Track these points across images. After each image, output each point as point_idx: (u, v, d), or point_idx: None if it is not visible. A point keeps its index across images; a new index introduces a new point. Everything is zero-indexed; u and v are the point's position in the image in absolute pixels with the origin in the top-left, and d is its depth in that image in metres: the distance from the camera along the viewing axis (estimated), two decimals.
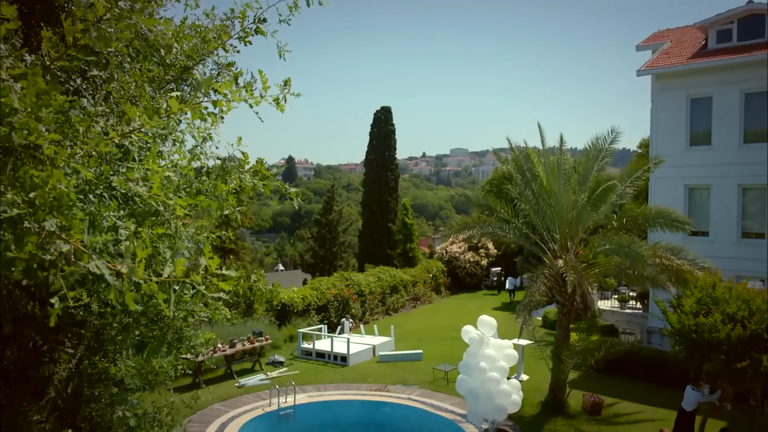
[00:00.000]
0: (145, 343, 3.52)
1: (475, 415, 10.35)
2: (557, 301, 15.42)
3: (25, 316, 3.13)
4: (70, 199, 1.87)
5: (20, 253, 1.80)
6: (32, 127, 1.87)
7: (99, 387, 3.48)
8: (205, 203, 3.06)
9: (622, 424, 14.24)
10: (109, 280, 1.92)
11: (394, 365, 19.44)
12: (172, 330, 3.56)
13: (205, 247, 2.35)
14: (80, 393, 3.36)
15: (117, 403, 3.59)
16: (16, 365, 3.16)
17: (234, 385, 17.04)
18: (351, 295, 26.82)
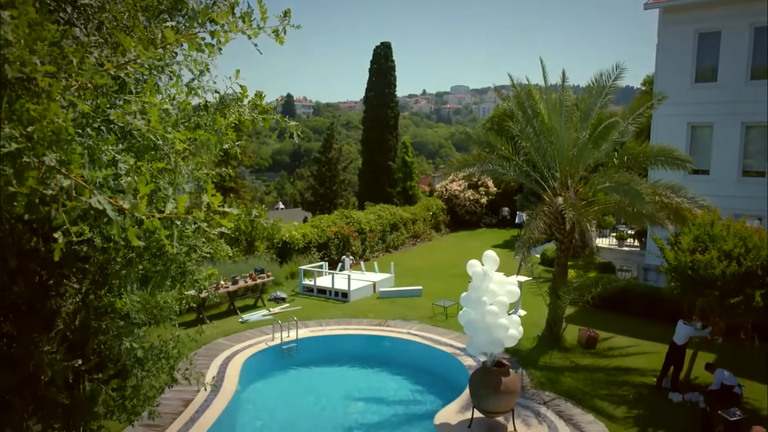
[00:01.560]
0: (149, 278, 3.57)
1: (474, 347, 10.61)
2: (556, 238, 15.56)
3: (29, 252, 3.16)
4: (69, 134, 1.85)
5: (21, 188, 1.80)
6: (27, 60, 1.83)
7: (106, 320, 3.56)
8: (204, 137, 3.03)
9: (616, 357, 14.66)
10: (111, 216, 1.92)
11: (394, 301, 19.81)
12: (176, 264, 3.61)
13: (207, 184, 2.34)
14: (88, 325, 3.44)
15: (124, 334, 3.68)
16: (25, 299, 3.22)
17: (237, 321, 17.41)
18: (351, 232, 27.02)
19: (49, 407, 4.72)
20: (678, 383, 12.58)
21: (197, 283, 3.88)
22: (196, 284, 3.89)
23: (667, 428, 10.83)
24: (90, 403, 4.99)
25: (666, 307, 16.71)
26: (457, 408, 11.34)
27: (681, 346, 12.57)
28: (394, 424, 12.21)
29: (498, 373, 10.30)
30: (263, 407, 13.01)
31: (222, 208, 2.35)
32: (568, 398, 12.07)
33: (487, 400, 10.18)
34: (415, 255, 29.72)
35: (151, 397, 5.80)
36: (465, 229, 38.10)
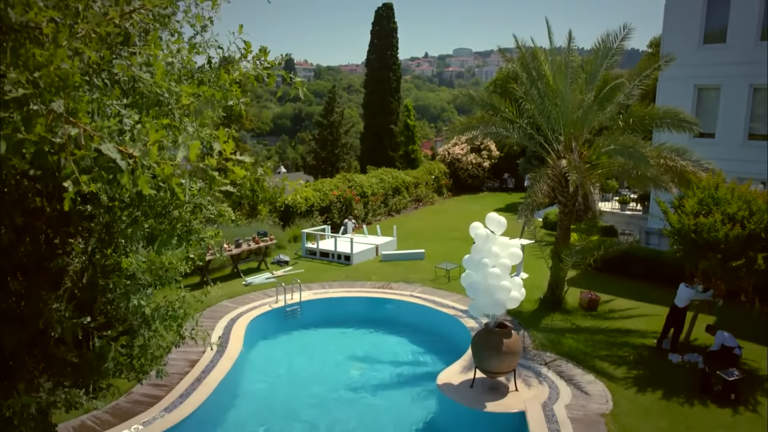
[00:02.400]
0: (155, 236, 3.56)
1: (476, 308, 10.70)
2: (559, 201, 15.53)
3: (35, 210, 3.14)
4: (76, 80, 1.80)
5: (29, 135, 1.76)
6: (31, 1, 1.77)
7: (113, 278, 3.57)
8: (209, 93, 2.97)
9: (617, 319, 14.79)
10: (121, 165, 1.89)
11: (397, 264, 19.91)
12: (181, 223, 3.60)
13: (219, 131, 2.30)
14: (95, 284, 3.45)
15: (131, 292, 3.70)
16: (32, 257, 3.22)
17: (241, 284, 17.53)
18: (353, 196, 26.99)
19: (58, 365, 4.77)
20: (678, 345, 12.72)
21: (203, 242, 3.87)
22: (202, 242, 3.89)
23: (666, 388, 10.98)
24: (99, 361, 5.05)
25: (667, 271, 16.78)
26: (460, 369, 11.49)
27: (682, 308, 12.66)
28: (397, 384, 12.40)
29: (500, 334, 10.41)
30: (268, 368, 13.21)
31: (234, 156, 2.32)
32: (569, 359, 12.22)
33: (489, 360, 10.31)
34: (418, 218, 29.74)
35: (158, 356, 5.87)
36: (467, 193, 38.04)
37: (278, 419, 10.91)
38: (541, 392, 10.60)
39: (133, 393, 10.52)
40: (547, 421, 9.49)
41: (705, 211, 12.09)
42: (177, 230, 3.57)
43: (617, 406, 10.26)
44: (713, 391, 10.73)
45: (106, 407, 9.94)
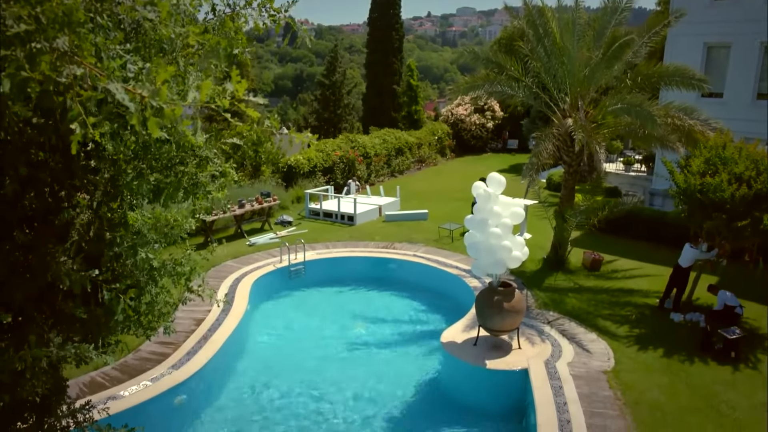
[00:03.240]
0: (161, 189, 3.52)
1: (479, 268, 10.71)
2: (564, 161, 15.42)
3: (39, 162, 3.10)
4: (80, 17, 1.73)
5: (34, 74, 1.70)
6: None
7: (120, 231, 3.54)
8: (214, 40, 2.89)
9: (619, 279, 14.85)
10: (130, 107, 1.83)
11: (400, 224, 19.93)
12: (188, 176, 3.55)
13: (232, 71, 2.22)
14: (102, 237, 3.42)
15: (138, 245, 3.67)
16: (38, 210, 3.19)
17: (245, 244, 17.58)
18: (356, 156, 26.85)
19: (67, 321, 4.79)
20: (680, 304, 12.79)
21: (209, 195, 3.83)
22: (208, 196, 3.84)
23: (667, 346, 11.09)
24: (107, 317, 5.07)
25: (671, 232, 16.79)
26: (463, 327, 11.59)
27: (685, 268, 12.68)
28: (401, 342, 12.54)
29: (503, 293, 10.45)
30: (273, 326, 13.35)
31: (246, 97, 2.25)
32: (572, 318, 12.32)
33: (493, 319, 10.38)
34: (420, 179, 29.64)
35: (166, 313, 5.89)
36: (470, 154, 37.80)
37: (284, 376, 11.07)
38: (543, 350, 10.71)
39: (140, 350, 10.65)
40: (549, 378, 9.62)
41: (711, 170, 11.99)
42: (183, 183, 3.53)
43: (619, 363, 10.38)
44: (714, 349, 10.84)
45: (115, 364, 10.08)
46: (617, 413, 8.76)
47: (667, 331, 11.82)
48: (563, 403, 8.93)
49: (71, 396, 5.89)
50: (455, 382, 10.51)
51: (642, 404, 9.07)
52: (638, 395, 9.33)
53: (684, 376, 10.01)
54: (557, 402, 8.95)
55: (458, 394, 10.20)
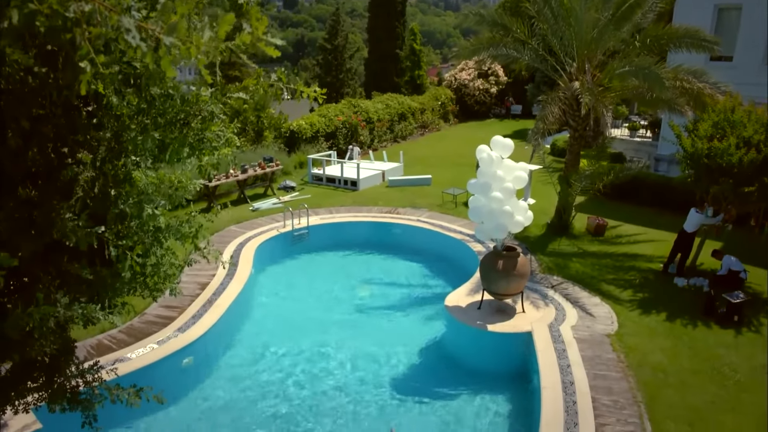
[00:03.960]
0: (166, 145, 3.45)
1: (482, 232, 10.66)
2: (569, 125, 15.24)
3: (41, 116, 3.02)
4: None
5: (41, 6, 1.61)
6: None
7: (125, 187, 3.48)
8: None
9: (623, 244, 14.83)
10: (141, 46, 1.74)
11: (403, 190, 19.85)
12: (193, 132, 3.47)
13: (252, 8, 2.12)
14: (107, 193, 3.36)
15: (145, 201, 3.62)
16: (41, 166, 3.13)
17: (248, 209, 17.55)
18: (359, 122, 26.60)
19: (73, 282, 4.78)
20: (684, 269, 12.79)
21: (216, 151, 3.76)
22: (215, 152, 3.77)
23: (671, 310, 11.12)
24: (113, 278, 5.05)
25: (676, 197, 16.71)
26: (467, 291, 11.62)
27: (690, 233, 12.63)
28: (405, 305, 12.60)
29: (508, 257, 10.44)
30: (277, 290, 13.41)
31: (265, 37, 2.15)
32: (576, 282, 12.33)
33: (497, 282, 10.39)
34: (424, 145, 29.44)
35: (171, 275, 5.88)
36: (474, 120, 37.49)
37: (289, 339, 11.15)
38: (547, 314, 10.75)
39: (146, 314, 10.71)
40: (553, 341, 9.67)
41: (719, 134, 11.84)
42: (189, 139, 3.46)
43: (622, 327, 10.43)
44: (717, 313, 10.87)
45: (121, 327, 10.15)
46: (620, 375, 8.83)
47: (671, 295, 11.83)
48: (567, 365, 8.99)
49: (79, 357, 5.93)
50: (459, 344, 10.57)
51: (645, 366, 9.14)
52: (641, 357, 9.39)
53: (687, 340, 10.06)
54: (561, 364, 9.01)
55: (462, 357, 10.27)
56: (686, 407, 8.17)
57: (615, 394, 8.37)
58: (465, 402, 9.19)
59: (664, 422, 7.80)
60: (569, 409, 7.97)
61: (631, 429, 7.59)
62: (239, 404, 9.23)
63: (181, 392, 9.20)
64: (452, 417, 8.86)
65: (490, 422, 8.71)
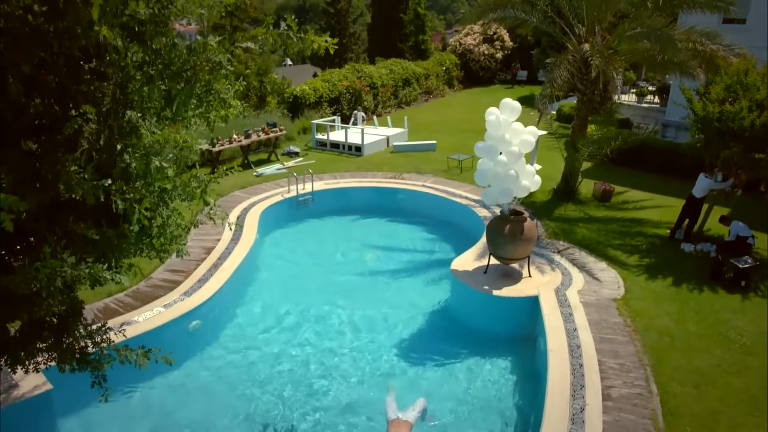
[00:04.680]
0: (173, 96, 3.34)
1: (488, 196, 10.54)
2: (578, 89, 14.99)
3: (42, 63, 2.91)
4: None
5: None
6: None
7: (132, 139, 3.38)
8: None
9: (630, 210, 14.73)
10: None
11: (408, 155, 19.69)
12: (201, 83, 3.35)
13: None
14: (113, 145, 3.27)
15: (152, 153, 3.52)
16: (44, 117, 3.03)
17: (252, 175, 17.44)
18: (363, 87, 26.27)
19: (79, 242, 4.72)
20: (691, 235, 12.71)
21: (225, 103, 3.64)
22: (224, 104, 3.65)
23: (677, 275, 11.08)
24: (120, 239, 4.99)
25: (683, 163, 16.56)
26: (473, 256, 11.58)
27: (699, 198, 12.52)
28: (411, 270, 12.58)
29: (515, 221, 10.36)
30: (282, 255, 13.39)
31: None
32: (582, 247, 12.27)
33: (504, 247, 10.33)
34: (428, 111, 29.13)
35: (178, 236, 5.82)
36: (479, 86, 37.06)
37: (295, 303, 11.17)
38: (554, 278, 10.72)
39: (152, 278, 10.72)
40: (560, 305, 9.66)
41: (732, 98, 11.62)
42: (196, 90, 3.35)
43: (629, 291, 10.40)
44: (724, 278, 10.83)
45: (128, 291, 10.17)
46: (627, 339, 8.83)
47: (678, 261, 11.79)
48: (573, 329, 8.99)
49: (87, 319, 5.92)
50: (466, 308, 10.57)
51: (651, 330, 9.14)
52: (648, 322, 9.38)
53: (693, 304, 10.04)
54: (567, 328, 9.01)
55: (469, 320, 10.28)
56: (692, 370, 8.19)
57: (621, 357, 8.38)
58: (471, 364, 9.22)
59: (671, 384, 7.82)
60: (576, 371, 7.99)
61: (637, 391, 7.61)
62: (246, 365, 9.28)
63: (188, 354, 9.25)
64: (458, 379, 8.90)
65: (495, 384, 8.75)
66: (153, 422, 7.93)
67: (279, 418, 8.07)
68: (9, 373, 7.71)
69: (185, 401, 8.37)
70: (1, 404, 7.14)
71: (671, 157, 17.33)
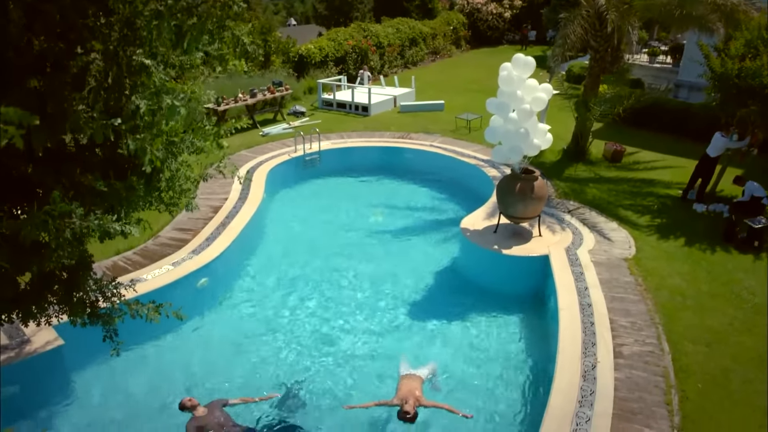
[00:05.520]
0: (184, 32, 3.17)
1: (499, 153, 10.34)
2: (591, 46, 14.60)
3: None
4: None
5: None
6: None
7: (141, 77, 3.23)
8: None
9: (641, 170, 14.53)
10: None
11: (416, 115, 19.40)
12: (212, 18, 3.18)
13: None
14: (122, 84, 3.12)
15: (163, 92, 3.38)
16: (49, 53, 2.88)
17: (258, 134, 17.25)
18: (369, 46, 25.78)
19: (87, 194, 4.62)
20: (704, 195, 12.54)
21: (239, 42, 3.46)
22: (238, 43, 3.48)
23: (689, 235, 10.95)
24: (128, 192, 4.88)
25: (696, 124, 16.26)
26: (483, 215, 11.46)
27: (713, 158, 12.29)
28: (420, 229, 12.49)
29: (526, 180, 10.19)
30: (290, 214, 13.31)
31: None
32: (593, 207, 12.13)
33: (515, 206, 10.19)
34: (435, 71, 28.64)
35: (187, 189, 5.71)
36: (486, 46, 36.35)
37: (303, 261, 11.14)
38: (564, 238, 10.61)
39: (160, 237, 10.67)
40: (570, 264, 9.58)
41: (752, 54, 11.29)
42: (208, 26, 3.17)
43: (640, 251, 10.30)
44: (737, 238, 10.70)
45: (136, 249, 10.14)
46: (638, 298, 8.76)
47: (690, 221, 11.64)
48: (584, 288, 8.92)
49: (97, 273, 5.87)
50: (475, 267, 10.50)
51: (663, 289, 9.06)
52: (659, 281, 9.30)
53: (705, 264, 9.95)
54: (578, 287, 8.95)
55: (479, 279, 10.22)
56: (704, 329, 8.13)
57: (633, 315, 8.32)
58: (481, 323, 9.20)
59: (682, 343, 7.78)
60: (587, 329, 7.95)
61: (649, 349, 7.58)
62: (254, 321, 9.30)
63: (196, 312, 9.24)
64: (467, 337, 8.89)
65: (506, 342, 8.74)
66: (162, 376, 7.97)
67: (288, 371, 8.10)
68: (21, 328, 7.74)
69: (195, 356, 8.40)
70: (15, 359, 7.17)
71: (683, 118, 17.00)
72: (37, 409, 7.18)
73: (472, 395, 7.61)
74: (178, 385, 7.77)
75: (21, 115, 1.82)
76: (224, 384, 7.84)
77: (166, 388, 7.75)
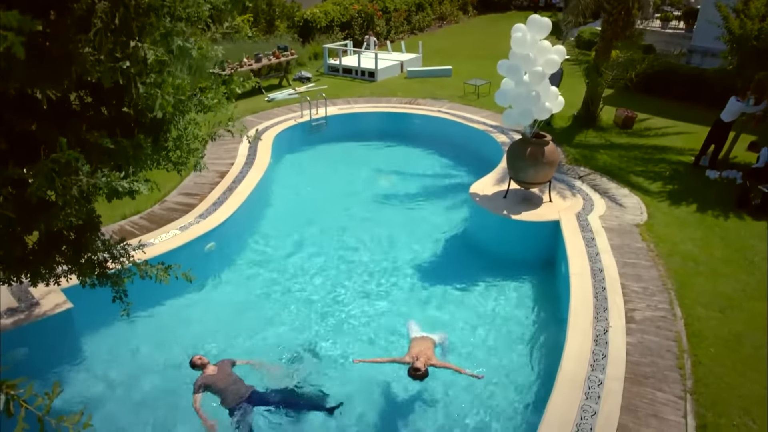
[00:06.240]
0: None
1: (509, 117, 10.13)
2: (604, 9, 14.24)
3: None
4: None
5: None
6: None
7: (150, 18, 3.08)
8: None
9: (653, 137, 14.30)
10: None
11: (423, 81, 19.10)
12: None
13: None
14: (129, 26, 2.97)
15: (173, 34, 3.23)
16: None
17: (263, 100, 17.02)
18: (375, 11, 25.28)
19: (94, 151, 4.50)
20: (716, 161, 12.35)
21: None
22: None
23: (702, 202, 10.81)
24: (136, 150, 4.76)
25: (709, 90, 15.96)
26: (493, 181, 11.31)
27: (727, 123, 12.06)
28: (428, 194, 12.36)
29: (537, 144, 10.02)
30: (297, 179, 13.19)
31: None
32: (603, 173, 11.96)
33: (526, 171, 10.03)
34: (442, 37, 28.15)
35: (195, 149, 5.59)
36: (494, 12, 35.64)
37: (311, 225, 11.06)
38: (575, 203, 10.48)
39: (167, 201, 10.58)
40: (581, 230, 9.46)
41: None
42: None
43: (651, 217, 10.17)
44: (751, 204, 10.56)
45: (143, 213, 10.06)
46: (650, 263, 8.66)
47: (702, 187, 11.48)
48: (596, 253, 8.82)
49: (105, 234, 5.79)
50: (485, 233, 10.39)
51: (675, 255, 8.95)
52: (671, 247, 9.19)
53: (718, 230, 9.82)
54: (590, 252, 8.84)
55: (489, 245, 10.12)
56: (717, 294, 8.05)
57: (645, 281, 8.23)
58: (491, 288, 9.14)
59: (695, 308, 7.70)
60: (598, 294, 7.87)
61: (661, 314, 7.50)
62: (261, 284, 9.26)
63: (204, 275, 9.20)
64: (478, 302, 8.84)
65: (517, 307, 8.68)
66: (172, 338, 7.96)
67: (295, 332, 8.08)
68: (30, 291, 7.72)
69: (204, 319, 8.38)
70: (24, 321, 7.15)
71: (696, 84, 16.69)
72: (47, 370, 7.19)
73: (483, 360, 7.59)
74: (187, 346, 7.76)
75: (20, 20, 1.69)
76: (232, 345, 7.83)
77: (175, 349, 7.75)
